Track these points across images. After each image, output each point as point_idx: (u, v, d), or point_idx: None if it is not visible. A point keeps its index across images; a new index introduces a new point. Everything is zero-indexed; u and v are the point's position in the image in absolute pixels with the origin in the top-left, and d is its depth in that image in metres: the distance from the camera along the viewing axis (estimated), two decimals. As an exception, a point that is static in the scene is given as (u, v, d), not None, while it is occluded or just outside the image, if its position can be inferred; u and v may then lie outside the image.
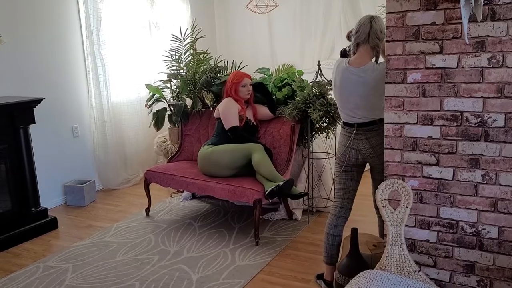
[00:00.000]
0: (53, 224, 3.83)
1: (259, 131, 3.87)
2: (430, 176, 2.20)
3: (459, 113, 2.08)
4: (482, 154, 2.07)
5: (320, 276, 2.79)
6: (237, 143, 3.59)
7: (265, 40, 6.18)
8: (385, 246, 2.22)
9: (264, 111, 3.86)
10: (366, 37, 2.42)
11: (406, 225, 2.27)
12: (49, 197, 4.27)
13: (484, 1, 1.92)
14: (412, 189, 2.22)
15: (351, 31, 2.56)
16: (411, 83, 2.15)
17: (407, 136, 2.22)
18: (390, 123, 2.24)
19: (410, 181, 2.25)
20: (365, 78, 2.41)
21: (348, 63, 2.49)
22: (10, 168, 3.59)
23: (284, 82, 3.91)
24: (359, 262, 2.41)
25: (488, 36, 1.96)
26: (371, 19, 2.44)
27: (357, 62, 2.46)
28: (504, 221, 2.09)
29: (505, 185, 2.05)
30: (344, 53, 2.73)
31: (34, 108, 3.70)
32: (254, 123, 3.80)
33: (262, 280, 2.89)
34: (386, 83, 2.21)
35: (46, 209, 3.85)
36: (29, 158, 3.69)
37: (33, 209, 3.74)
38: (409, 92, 2.17)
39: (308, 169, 3.80)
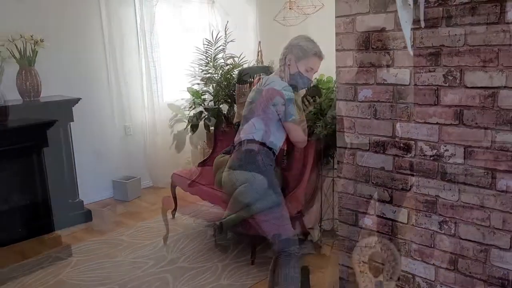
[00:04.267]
0: (87, 217, 4.07)
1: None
2: (384, 216, 1.80)
3: (413, 142, 1.66)
4: (438, 196, 1.62)
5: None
6: None
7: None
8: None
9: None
10: None
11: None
12: (100, 190, 4.56)
13: (438, 1, 1.49)
14: (365, 228, 1.84)
15: None
16: (362, 101, 1.78)
17: (359, 164, 1.84)
18: (342, 147, 1.88)
19: (365, 218, 1.87)
20: None
21: None
22: (51, 162, 3.89)
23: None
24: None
25: (443, 46, 1.52)
26: None
27: None
28: (464, 286, 1.61)
29: (465, 239, 1.58)
30: None
31: (74, 107, 3.95)
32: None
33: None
34: (337, 99, 1.87)
35: (82, 202, 4.10)
36: (67, 153, 3.96)
37: (70, 200, 4.02)
38: (361, 111, 1.80)
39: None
